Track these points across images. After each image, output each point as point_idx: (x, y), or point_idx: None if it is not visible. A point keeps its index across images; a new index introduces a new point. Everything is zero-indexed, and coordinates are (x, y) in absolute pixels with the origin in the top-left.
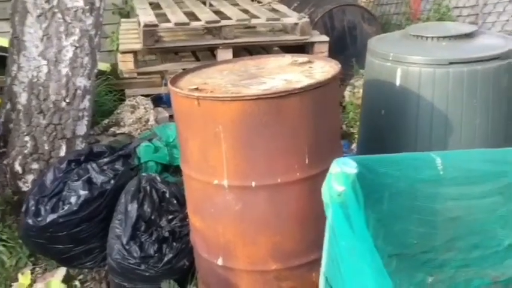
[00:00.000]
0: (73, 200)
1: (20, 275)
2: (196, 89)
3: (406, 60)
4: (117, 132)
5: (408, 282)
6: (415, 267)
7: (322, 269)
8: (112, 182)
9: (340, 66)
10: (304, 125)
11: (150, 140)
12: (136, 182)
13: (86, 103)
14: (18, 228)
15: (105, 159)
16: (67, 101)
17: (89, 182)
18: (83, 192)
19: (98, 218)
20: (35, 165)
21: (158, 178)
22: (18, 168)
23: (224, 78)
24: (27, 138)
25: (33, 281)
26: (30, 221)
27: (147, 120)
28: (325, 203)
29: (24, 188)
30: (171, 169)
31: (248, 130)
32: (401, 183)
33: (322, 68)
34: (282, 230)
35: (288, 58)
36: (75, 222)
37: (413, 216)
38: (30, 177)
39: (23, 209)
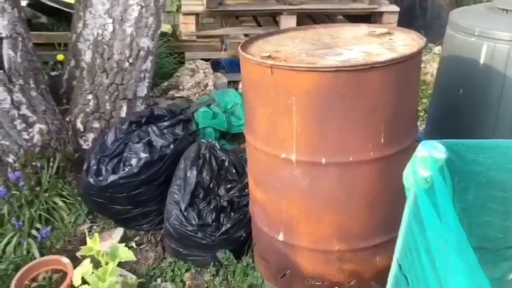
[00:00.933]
0: (134, 162)
1: (88, 239)
2: (269, 56)
3: (493, 36)
4: (176, 95)
5: (487, 277)
6: (496, 263)
7: (396, 255)
8: (171, 146)
9: (424, 39)
10: (383, 101)
11: (208, 106)
12: (195, 148)
13: (148, 64)
14: (78, 185)
15: (165, 123)
16: (130, 61)
17: (149, 145)
18: (144, 155)
19: (157, 181)
20: (96, 124)
21: (217, 145)
22: (79, 125)
23: (297, 46)
24: (89, 97)
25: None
26: (91, 180)
27: (206, 85)
28: (406, 187)
29: (85, 146)
30: (228, 137)
31: (323, 104)
32: (492, 172)
33: (403, 41)
34: (349, 210)
35: (363, 28)
36: (135, 185)
37: (500, 209)
38: (91, 136)
39: (84, 167)
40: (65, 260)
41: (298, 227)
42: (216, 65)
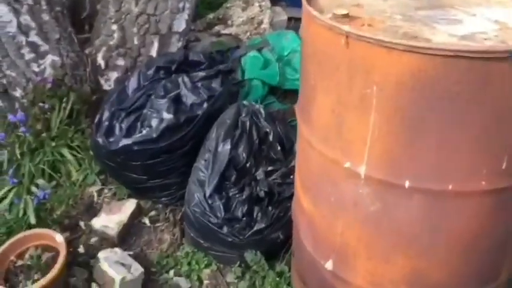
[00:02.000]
0: (154, 123)
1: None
2: (346, 15)
3: None
4: (223, 32)
5: None
6: None
7: None
8: (205, 105)
9: None
10: None
11: (259, 50)
12: (233, 112)
13: None
14: (91, 135)
15: (201, 73)
16: None
17: (177, 101)
18: (167, 116)
19: (182, 150)
20: (120, 61)
21: (262, 111)
22: (101, 61)
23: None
24: (114, 27)
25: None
26: (100, 140)
27: (260, 22)
28: None
29: (106, 87)
30: (279, 92)
31: (422, 102)
32: None
33: None
34: (433, 253)
35: None
36: (153, 152)
37: None
38: (113, 75)
39: (96, 119)
40: (59, 238)
41: (354, 260)
42: None
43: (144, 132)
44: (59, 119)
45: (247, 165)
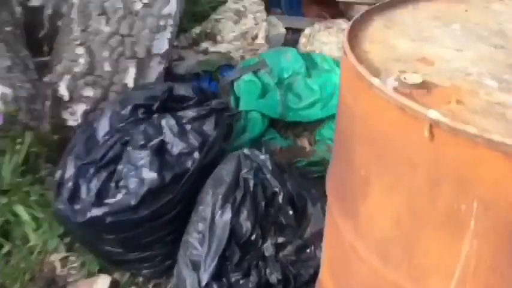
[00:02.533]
0: (132, 184)
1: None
2: (423, 85)
3: None
4: (211, 50)
5: None
6: None
7: None
8: (196, 155)
9: None
10: None
11: (255, 73)
12: (233, 167)
13: (173, 7)
14: (53, 185)
15: (190, 112)
16: (144, 1)
17: (160, 153)
18: (149, 175)
19: (168, 216)
20: (88, 92)
21: (269, 164)
22: (64, 92)
23: (462, 46)
24: (80, 50)
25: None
26: (62, 208)
27: (255, 37)
28: None
29: (71, 122)
30: (280, 124)
31: None
32: None
33: None
34: None
35: None
36: (131, 223)
37: None
38: (80, 108)
39: (57, 176)
40: None
41: None
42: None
43: (119, 197)
44: (12, 167)
45: (253, 237)
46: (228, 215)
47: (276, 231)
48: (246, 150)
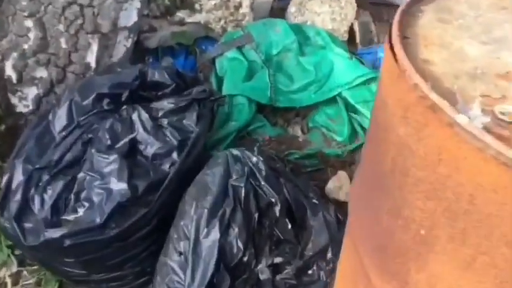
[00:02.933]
0: (97, 197)
1: None
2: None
3: None
4: (188, 20)
5: None
6: None
7: None
8: (175, 156)
9: None
10: None
11: (240, 48)
12: (220, 173)
13: None
14: None
15: (166, 103)
16: None
17: (131, 155)
18: (118, 186)
19: (141, 233)
20: (41, 72)
21: (263, 167)
22: (11, 72)
23: None
24: (29, 23)
25: None
26: (8, 227)
27: (239, 6)
28: None
29: (21, 108)
30: (268, 109)
31: None
32: None
33: None
34: None
35: None
36: (97, 245)
37: None
38: (31, 92)
39: (3, 181)
40: None
41: None
42: None
43: (80, 212)
44: None
45: (245, 258)
46: (215, 234)
47: (272, 249)
48: (234, 151)
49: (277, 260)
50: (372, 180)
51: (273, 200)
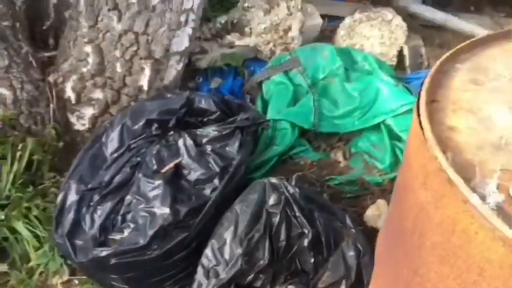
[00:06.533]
0: (142, 220)
1: None
2: None
3: None
4: (237, 43)
5: None
6: None
7: None
8: (216, 182)
9: None
10: None
11: (286, 73)
12: (256, 199)
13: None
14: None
15: (211, 131)
16: None
17: (176, 181)
18: (162, 211)
19: (181, 255)
20: (97, 94)
21: (300, 199)
22: (70, 93)
23: None
24: (88, 49)
25: None
26: (60, 242)
27: (288, 29)
28: None
29: (79, 127)
30: (311, 133)
31: None
32: None
33: None
34: None
35: None
36: (140, 264)
37: None
38: (88, 111)
39: (58, 198)
40: None
41: None
42: None
43: (126, 234)
44: (12, 177)
45: (259, 282)
46: (238, 255)
47: (288, 278)
48: (272, 179)
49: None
50: (396, 234)
51: (305, 231)
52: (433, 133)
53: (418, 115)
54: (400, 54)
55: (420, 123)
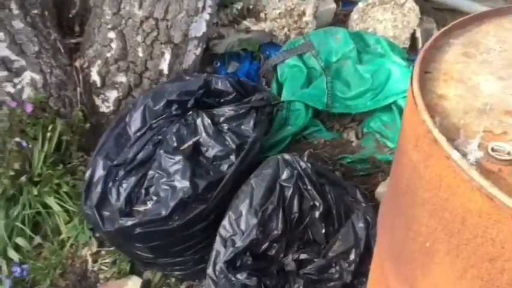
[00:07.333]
0: (163, 193)
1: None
2: None
3: None
4: (253, 28)
5: None
6: None
7: None
8: (232, 158)
9: None
10: None
11: (300, 55)
12: (270, 174)
13: None
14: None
15: (227, 110)
16: None
17: (194, 157)
18: (182, 184)
19: (201, 225)
20: (121, 78)
21: (311, 173)
22: (95, 77)
23: None
24: (111, 34)
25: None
26: (90, 213)
27: (302, 14)
28: None
29: (103, 109)
30: (324, 114)
31: None
32: None
33: None
34: None
35: None
36: (162, 233)
37: None
38: (112, 94)
39: (87, 174)
40: None
41: None
42: None
43: (149, 206)
44: (43, 156)
45: (273, 250)
46: (253, 224)
47: (300, 247)
48: (286, 155)
49: (303, 256)
50: (393, 197)
51: (317, 203)
52: (424, 100)
53: (412, 85)
54: (413, 37)
55: (413, 92)
